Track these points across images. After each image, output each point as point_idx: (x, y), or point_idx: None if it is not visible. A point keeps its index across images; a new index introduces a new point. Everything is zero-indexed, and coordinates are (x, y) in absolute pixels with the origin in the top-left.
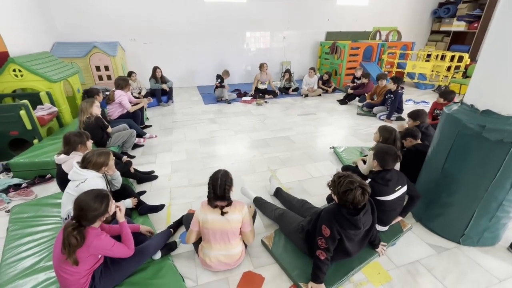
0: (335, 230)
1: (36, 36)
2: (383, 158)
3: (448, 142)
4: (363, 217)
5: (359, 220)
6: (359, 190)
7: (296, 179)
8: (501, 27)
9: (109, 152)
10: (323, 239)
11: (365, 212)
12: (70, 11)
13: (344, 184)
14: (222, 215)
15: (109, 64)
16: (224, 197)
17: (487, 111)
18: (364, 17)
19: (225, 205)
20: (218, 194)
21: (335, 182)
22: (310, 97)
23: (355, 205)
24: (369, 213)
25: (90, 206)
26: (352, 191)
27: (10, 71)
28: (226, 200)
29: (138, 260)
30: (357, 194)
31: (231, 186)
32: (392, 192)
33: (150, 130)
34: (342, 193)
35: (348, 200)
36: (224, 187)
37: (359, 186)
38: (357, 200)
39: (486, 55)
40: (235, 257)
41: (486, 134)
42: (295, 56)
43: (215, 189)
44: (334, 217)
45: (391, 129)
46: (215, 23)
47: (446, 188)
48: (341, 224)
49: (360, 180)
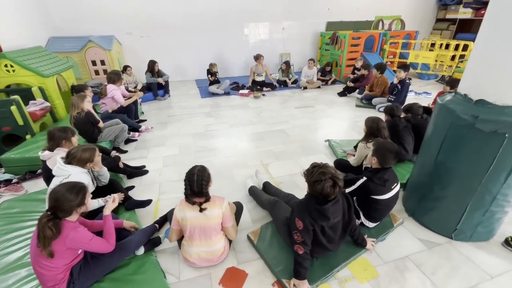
0: (307, 222)
1: (32, 31)
2: (384, 155)
3: (441, 133)
4: (331, 207)
5: (327, 209)
6: (329, 182)
7: (288, 173)
8: (496, 12)
9: (95, 148)
10: (298, 232)
11: (335, 202)
12: (66, 5)
13: (315, 174)
14: (201, 211)
15: (105, 58)
16: (202, 193)
17: (481, 101)
18: (366, 6)
19: (203, 201)
20: (196, 190)
21: (309, 172)
22: (309, 89)
23: (324, 196)
24: (339, 204)
25: (66, 197)
26: (321, 182)
27: (1, 66)
28: (204, 196)
29: (119, 256)
30: (326, 186)
31: (208, 182)
32: (389, 191)
33: (144, 124)
34: (312, 183)
35: (316, 190)
36: (201, 182)
37: (331, 178)
38: (326, 191)
39: (481, 42)
40: (217, 253)
41: (479, 125)
42: (295, 47)
43: (192, 185)
44: (305, 208)
45: (375, 118)
46: (213, 15)
47: (439, 181)
48: (312, 215)
49: (334, 172)
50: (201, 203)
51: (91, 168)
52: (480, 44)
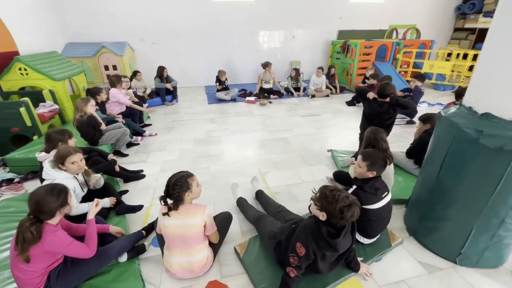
0: (311, 250)
1: (50, 37)
2: (375, 163)
3: (443, 148)
4: (342, 240)
5: (338, 243)
6: (357, 208)
7: (285, 183)
8: (503, 20)
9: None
10: (296, 257)
11: (345, 233)
12: (83, 12)
13: (340, 199)
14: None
15: (117, 64)
16: (172, 196)
17: (487, 114)
18: (379, 14)
19: (176, 208)
20: (169, 192)
21: (328, 197)
22: (317, 98)
23: (344, 221)
24: (349, 234)
25: (46, 199)
26: (350, 207)
27: (16, 69)
28: (176, 202)
29: (100, 262)
30: (355, 212)
31: (186, 190)
32: (380, 199)
33: (149, 128)
34: (340, 210)
35: (346, 217)
36: (173, 186)
37: (351, 203)
38: (354, 218)
39: (487, 51)
40: (200, 264)
41: (483, 141)
42: (305, 55)
43: (169, 188)
44: (312, 236)
45: (374, 128)
46: (223, 23)
47: (441, 200)
48: (319, 245)
49: (350, 195)
50: (170, 208)
51: (83, 174)
52: (487, 54)
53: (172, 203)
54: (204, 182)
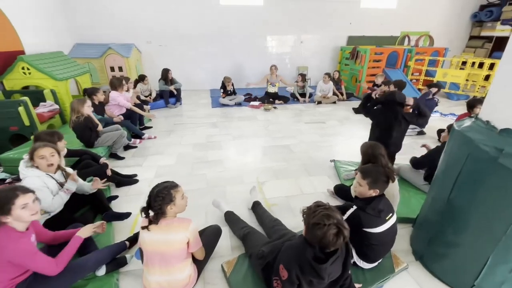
0: (294, 274)
1: (58, 37)
2: (377, 180)
3: (456, 166)
4: (330, 266)
5: (324, 270)
6: (333, 229)
7: (284, 195)
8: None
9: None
10: (279, 280)
11: (335, 259)
12: (92, 14)
13: (318, 216)
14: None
15: (123, 65)
16: (153, 209)
17: (508, 131)
18: (391, 20)
19: (156, 221)
20: (151, 204)
21: (310, 210)
22: (324, 104)
23: (323, 246)
24: (340, 261)
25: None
26: (323, 227)
27: (19, 68)
28: (157, 215)
29: (73, 276)
30: (328, 233)
31: (168, 203)
32: (383, 222)
33: (149, 131)
34: (312, 226)
35: (315, 236)
36: (155, 198)
37: (336, 224)
38: (327, 240)
39: (509, 57)
40: (180, 284)
41: (503, 161)
42: (313, 61)
43: (150, 199)
44: (296, 258)
45: (372, 143)
46: (230, 27)
47: (453, 223)
48: (302, 269)
49: (340, 219)
50: (150, 221)
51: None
52: (508, 61)
53: (152, 216)
54: (198, 190)
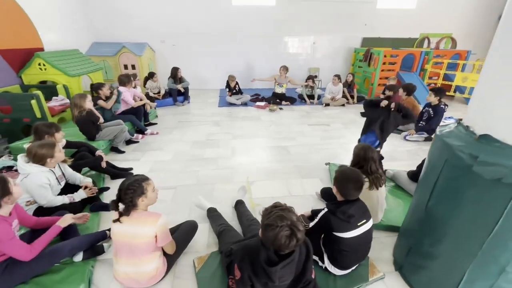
0: (246, 275)
1: (77, 36)
2: (345, 185)
3: (435, 172)
4: (281, 270)
5: (274, 273)
6: (286, 231)
7: (271, 195)
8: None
9: (54, 144)
10: (233, 279)
11: (287, 263)
12: (109, 14)
13: (271, 217)
14: (118, 221)
15: (136, 63)
16: (124, 201)
17: (486, 137)
18: (409, 21)
19: (127, 213)
20: (121, 196)
21: (266, 211)
22: (332, 107)
23: (276, 248)
24: (293, 264)
25: None
26: (275, 228)
27: (36, 64)
28: (127, 207)
29: (48, 261)
30: (280, 235)
31: (139, 195)
32: (354, 228)
33: (154, 127)
34: (265, 226)
35: (267, 237)
36: (125, 191)
37: (289, 226)
38: (278, 242)
39: (493, 58)
40: (147, 275)
41: (477, 169)
42: (326, 62)
43: (121, 192)
44: (249, 259)
45: (365, 145)
46: (242, 27)
47: (430, 234)
48: (254, 269)
49: (294, 220)
50: (121, 213)
51: (60, 167)
52: (492, 62)
53: (124, 209)
54: (188, 186)
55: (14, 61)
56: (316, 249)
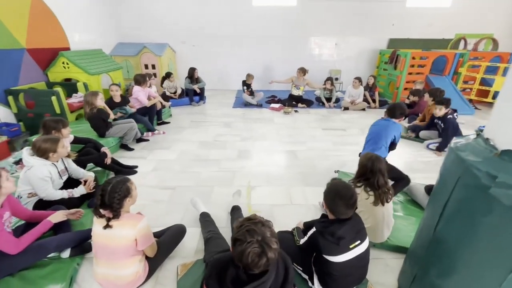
0: None
1: (103, 37)
2: (335, 202)
3: (446, 192)
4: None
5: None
6: (255, 249)
7: (270, 202)
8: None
9: (58, 139)
10: None
11: (256, 285)
12: (133, 16)
13: (242, 231)
14: (105, 228)
15: (156, 63)
16: (111, 206)
17: (509, 152)
18: (444, 21)
19: (111, 216)
20: (106, 202)
21: (238, 224)
22: (351, 111)
23: (244, 266)
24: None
25: None
26: (243, 243)
27: (60, 63)
28: (112, 211)
29: (34, 255)
30: (248, 251)
31: (124, 197)
32: (345, 251)
33: (166, 127)
34: (234, 241)
35: (236, 253)
36: (113, 195)
37: (259, 242)
38: (246, 260)
39: None
40: (126, 279)
41: (495, 191)
42: (348, 64)
43: (104, 195)
44: (217, 276)
45: (373, 156)
46: (262, 28)
47: (437, 263)
48: (222, 286)
49: (267, 236)
50: (109, 218)
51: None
52: None
53: (113, 213)
54: (186, 187)
55: (41, 60)
56: (306, 268)
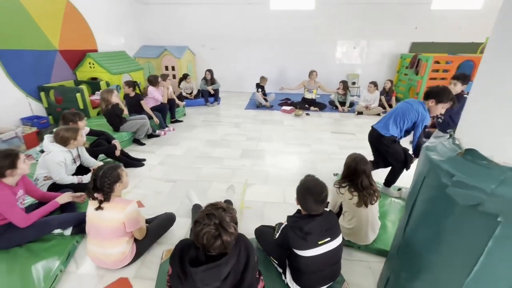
0: (175, 272)
1: (128, 40)
2: (304, 197)
3: (414, 193)
4: (202, 272)
5: (194, 274)
6: (211, 230)
7: (263, 200)
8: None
9: (77, 129)
10: (168, 276)
11: (212, 267)
12: (157, 21)
13: (202, 214)
14: (96, 209)
15: (175, 65)
16: (102, 190)
17: (473, 152)
18: (474, 24)
19: (103, 199)
20: (97, 185)
21: (204, 208)
22: (365, 116)
23: (201, 246)
24: (220, 270)
25: None
26: (200, 225)
27: (87, 63)
28: (104, 195)
29: (39, 230)
30: (202, 232)
31: (115, 182)
32: (313, 246)
33: (179, 125)
34: (194, 222)
35: (194, 232)
36: (104, 179)
37: (216, 225)
38: (202, 240)
39: (487, 61)
40: (112, 258)
41: (451, 191)
42: (367, 68)
43: (96, 180)
44: (179, 255)
45: (357, 156)
46: (280, 31)
47: (407, 265)
48: (182, 268)
49: (227, 221)
50: (101, 201)
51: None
52: (482, 73)
53: (104, 196)
54: (187, 181)
55: (71, 60)
56: (282, 262)
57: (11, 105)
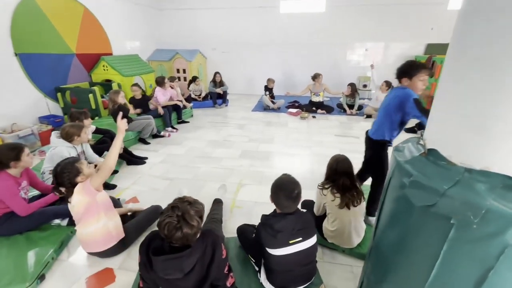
0: (143, 261)
1: (143, 44)
2: (277, 194)
3: (383, 193)
4: (164, 262)
5: (155, 262)
6: (173, 222)
7: (254, 200)
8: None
9: (82, 126)
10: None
11: (173, 258)
12: (170, 25)
13: (168, 207)
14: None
15: (186, 68)
16: (64, 185)
17: (433, 152)
18: None
19: (70, 194)
20: (58, 181)
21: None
22: (374, 119)
23: (164, 236)
24: (182, 262)
25: (2, 151)
26: (163, 215)
27: (101, 66)
28: (67, 189)
29: (36, 219)
30: (165, 222)
31: (75, 176)
32: (283, 245)
33: (185, 126)
34: (160, 214)
35: (157, 222)
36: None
37: (178, 217)
38: (163, 230)
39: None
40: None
41: (408, 191)
42: (380, 71)
43: (56, 176)
44: (148, 242)
45: (340, 157)
46: (290, 34)
47: (376, 268)
48: (147, 255)
49: (191, 214)
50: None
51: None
52: (446, 65)
53: (66, 191)
54: (183, 180)
55: (87, 63)
56: (258, 260)
57: (30, 104)
